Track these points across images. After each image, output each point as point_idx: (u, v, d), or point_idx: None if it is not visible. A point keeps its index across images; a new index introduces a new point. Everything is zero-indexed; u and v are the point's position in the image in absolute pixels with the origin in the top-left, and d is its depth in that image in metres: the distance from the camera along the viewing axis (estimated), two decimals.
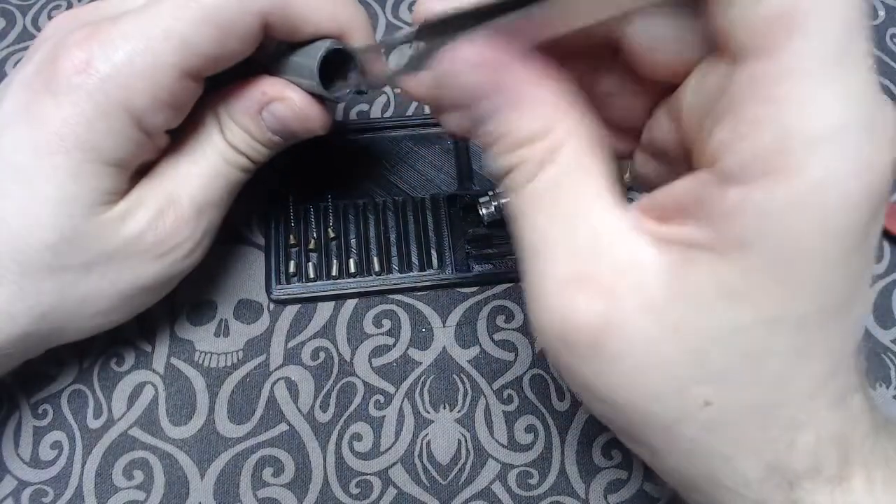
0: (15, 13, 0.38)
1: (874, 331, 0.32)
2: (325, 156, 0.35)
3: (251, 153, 0.27)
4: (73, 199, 0.23)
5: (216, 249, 0.33)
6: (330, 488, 0.29)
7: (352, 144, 0.35)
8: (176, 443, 0.29)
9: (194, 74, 0.24)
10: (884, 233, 0.34)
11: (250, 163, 0.27)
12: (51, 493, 0.28)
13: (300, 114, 0.26)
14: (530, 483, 0.29)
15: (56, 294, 0.24)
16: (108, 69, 0.23)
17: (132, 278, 0.26)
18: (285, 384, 0.30)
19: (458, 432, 0.30)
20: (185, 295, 0.32)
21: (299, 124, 0.26)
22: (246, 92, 0.26)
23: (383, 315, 0.32)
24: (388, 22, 0.39)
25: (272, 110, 0.26)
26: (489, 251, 0.33)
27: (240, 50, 0.24)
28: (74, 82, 0.23)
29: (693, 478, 0.19)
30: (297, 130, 0.27)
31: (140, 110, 0.23)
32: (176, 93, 0.24)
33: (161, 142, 0.26)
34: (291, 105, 0.26)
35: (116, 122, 0.23)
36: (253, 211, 0.34)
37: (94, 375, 0.30)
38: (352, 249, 0.33)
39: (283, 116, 0.26)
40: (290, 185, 0.34)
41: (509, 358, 0.31)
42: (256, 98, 0.26)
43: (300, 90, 0.26)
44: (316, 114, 0.26)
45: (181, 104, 0.25)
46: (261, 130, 0.26)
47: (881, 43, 0.39)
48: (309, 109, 0.26)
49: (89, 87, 0.23)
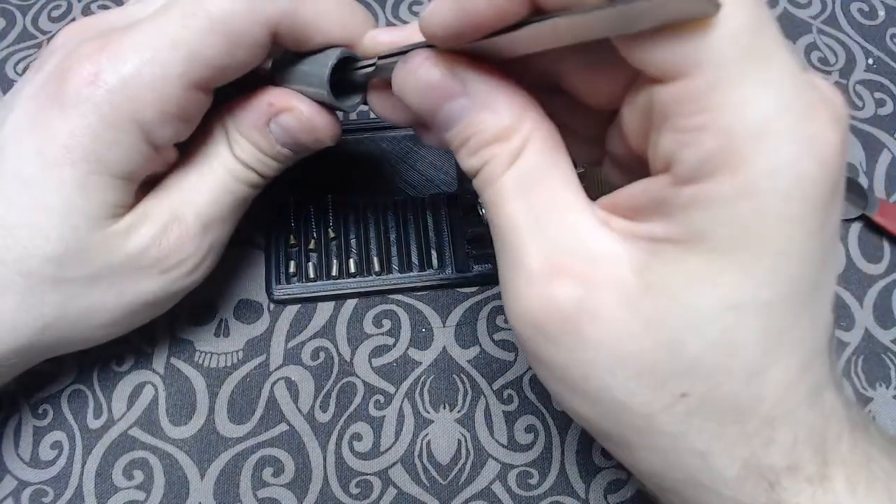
0: (15, 13, 0.38)
1: (874, 331, 0.32)
2: (325, 156, 0.35)
3: (260, 167, 0.26)
4: (78, 212, 0.23)
5: None
6: (330, 488, 0.29)
7: (352, 144, 0.35)
8: (176, 443, 0.29)
9: (203, 85, 0.23)
10: (884, 233, 0.34)
11: (259, 178, 0.27)
12: (51, 493, 0.28)
13: (308, 124, 0.25)
14: (530, 483, 0.29)
15: (59, 306, 0.24)
16: (116, 81, 0.22)
17: (135, 293, 0.25)
18: (285, 384, 0.30)
19: (458, 432, 0.30)
20: (186, 295, 0.32)
21: (308, 135, 0.26)
22: (253, 104, 0.25)
23: (383, 315, 0.32)
24: (388, 22, 0.39)
25: (280, 122, 0.25)
26: (489, 251, 0.33)
27: (248, 60, 0.24)
28: (83, 94, 0.22)
29: (671, 478, 0.19)
30: (305, 142, 0.26)
31: (148, 122, 0.23)
32: (184, 104, 0.23)
33: (169, 156, 0.25)
34: (299, 115, 0.25)
35: (124, 134, 0.23)
36: (253, 211, 0.34)
37: (94, 375, 0.30)
38: (352, 249, 0.33)
39: (291, 127, 0.25)
40: (290, 185, 0.34)
41: (509, 358, 0.31)
42: (263, 110, 0.25)
43: (308, 100, 0.25)
44: (325, 124, 0.26)
45: (189, 116, 0.24)
46: (269, 143, 0.26)
47: (881, 43, 0.39)
48: (317, 119, 0.25)
49: (97, 100, 0.22)
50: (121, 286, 0.25)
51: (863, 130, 0.37)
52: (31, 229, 0.23)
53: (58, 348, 0.26)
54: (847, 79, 0.38)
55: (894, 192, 0.35)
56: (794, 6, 0.40)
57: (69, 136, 0.23)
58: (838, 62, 0.38)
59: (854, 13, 0.40)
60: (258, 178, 0.27)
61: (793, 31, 0.39)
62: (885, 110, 0.37)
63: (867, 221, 0.34)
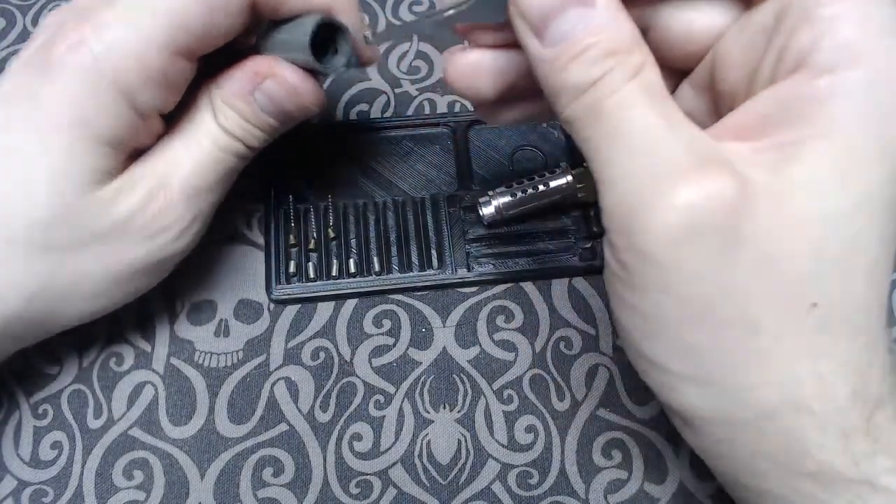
0: (15, 13, 0.39)
1: None
2: (326, 156, 0.35)
3: (245, 137, 0.27)
4: (64, 176, 0.23)
5: (216, 249, 0.33)
6: (330, 488, 0.29)
7: (352, 144, 0.35)
8: (176, 443, 0.29)
9: (185, 52, 0.24)
10: None
11: (245, 148, 0.27)
12: (51, 493, 0.28)
13: (291, 89, 0.26)
14: (530, 483, 0.29)
15: (46, 275, 0.24)
16: (99, 48, 0.23)
17: (122, 260, 0.26)
18: (285, 384, 0.30)
19: (458, 432, 0.30)
20: (185, 295, 0.32)
21: (292, 101, 0.26)
22: (237, 73, 0.26)
23: (383, 315, 0.32)
24: (388, 22, 0.39)
25: (264, 89, 0.26)
26: (489, 251, 0.33)
27: (229, 27, 0.24)
28: (67, 61, 0.23)
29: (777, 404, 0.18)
30: (290, 109, 0.26)
31: (132, 88, 0.23)
32: (167, 71, 0.24)
33: (156, 126, 0.26)
34: (282, 81, 0.25)
35: (108, 99, 0.23)
36: (253, 211, 0.34)
37: (94, 375, 0.30)
38: (352, 249, 0.33)
39: (275, 94, 0.26)
40: (289, 185, 0.34)
41: (509, 358, 0.31)
42: (248, 78, 0.26)
43: (291, 66, 0.25)
44: (308, 89, 0.26)
45: (173, 84, 0.25)
46: (254, 112, 0.26)
47: None
48: (300, 85, 0.26)
49: (81, 66, 0.23)
50: (107, 253, 0.25)
51: None
52: (16, 195, 0.23)
53: (48, 323, 0.26)
54: None
55: None
56: None
57: (54, 102, 0.23)
58: None
59: None
60: (244, 149, 0.27)
61: None
62: None
63: None
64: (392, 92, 0.37)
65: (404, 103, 0.37)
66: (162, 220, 0.26)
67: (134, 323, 0.31)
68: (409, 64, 0.38)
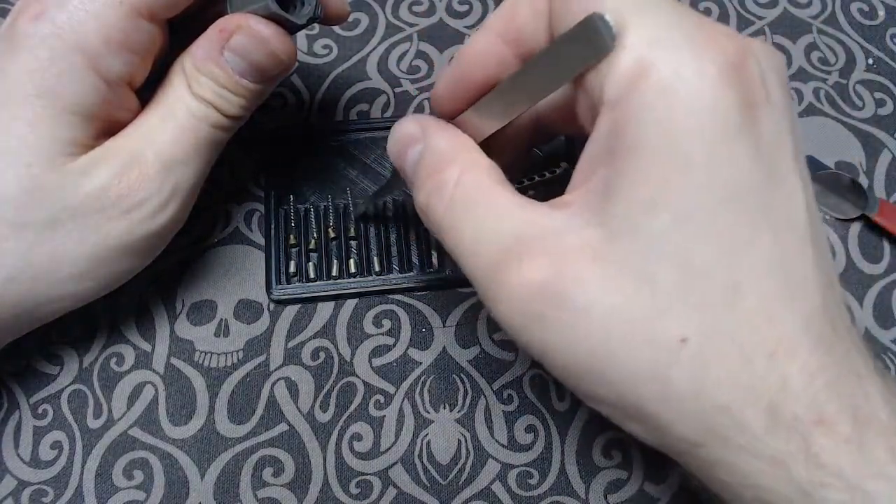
0: None
1: (874, 331, 0.32)
2: (326, 156, 0.35)
3: (221, 104, 0.26)
4: (31, 149, 0.23)
5: (216, 249, 0.33)
6: (330, 488, 0.29)
7: (352, 144, 0.35)
8: (176, 443, 0.29)
9: (147, 13, 0.24)
10: (884, 233, 0.34)
11: (222, 117, 0.26)
12: (51, 493, 0.28)
13: (259, 38, 0.25)
14: (530, 483, 0.29)
15: (21, 255, 0.24)
16: (60, 15, 0.23)
17: (99, 237, 0.25)
18: (285, 384, 0.30)
19: (458, 432, 0.30)
20: (186, 295, 0.32)
21: (261, 52, 0.25)
22: (204, 36, 0.26)
23: (383, 315, 0.32)
24: (388, 22, 0.39)
25: (232, 46, 0.25)
26: None
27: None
28: (29, 31, 0.23)
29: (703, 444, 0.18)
30: (262, 63, 0.26)
31: (94, 52, 0.23)
32: (129, 32, 0.24)
33: (129, 100, 0.26)
34: (249, 31, 0.25)
35: (72, 65, 0.23)
36: (253, 211, 0.34)
37: (94, 375, 0.30)
38: (352, 249, 0.33)
39: (244, 47, 0.25)
40: (289, 185, 0.34)
41: (509, 358, 0.31)
42: (215, 37, 0.25)
43: (256, 17, 0.25)
44: (277, 38, 0.25)
45: (138, 47, 0.24)
46: (227, 74, 0.26)
47: (881, 43, 0.39)
48: (268, 34, 0.25)
49: (43, 34, 0.23)
50: (82, 230, 0.25)
51: (863, 130, 0.37)
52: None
53: (32, 308, 0.25)
54: (847, 79, 0.38)
55: (894, 192, 0.35)
56: (794, 6, 0.40)
57: (19, 72, 0.23)
58: (838, 62, 0.38)
59: (854, 13, 0.40)
60: (221, 118, 0.26)
61: (793, 31, 0.39)
62: (885, 110, 0.37)
63: (867, 221, 0.34)
64: (392, 92, 0.37)
65: (404, 103, 0.37)
66: (138, 194, 0.25)
67: (134, 323, 0.31)
68: (409, 64, 0.38)
